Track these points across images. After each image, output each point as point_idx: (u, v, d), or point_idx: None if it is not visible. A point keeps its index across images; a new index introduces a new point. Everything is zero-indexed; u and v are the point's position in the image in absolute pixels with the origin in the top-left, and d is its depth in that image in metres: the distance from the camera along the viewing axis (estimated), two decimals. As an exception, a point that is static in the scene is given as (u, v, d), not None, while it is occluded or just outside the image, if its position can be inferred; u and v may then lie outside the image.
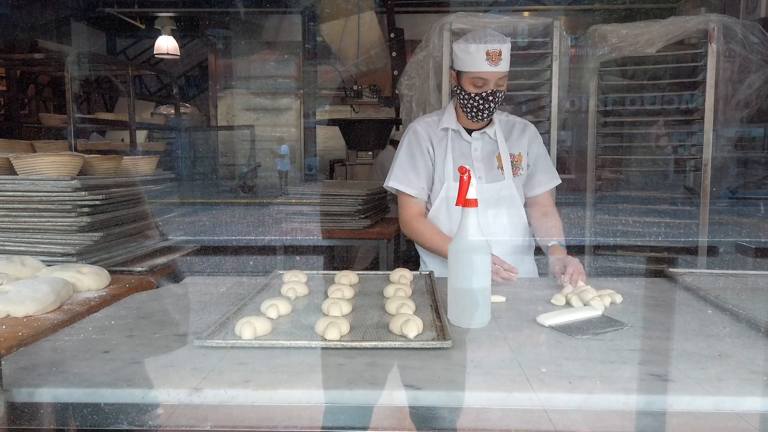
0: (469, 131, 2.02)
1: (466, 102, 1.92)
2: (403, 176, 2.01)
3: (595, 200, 3.59)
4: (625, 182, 3.73)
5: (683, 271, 1.83)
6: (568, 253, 1.87)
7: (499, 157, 2.00)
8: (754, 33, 3.28)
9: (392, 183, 2.03)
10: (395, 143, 6.31)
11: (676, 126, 3.53)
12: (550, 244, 1.92)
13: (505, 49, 1.85)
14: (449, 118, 2.02)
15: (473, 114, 1.93)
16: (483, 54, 1.83)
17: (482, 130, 2.01)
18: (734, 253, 2.99)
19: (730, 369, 1.08)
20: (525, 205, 2.09)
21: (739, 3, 4.26)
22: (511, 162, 2.01)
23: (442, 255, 1.94)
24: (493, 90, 1.87)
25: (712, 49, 3.21)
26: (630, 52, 3.35)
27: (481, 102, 1.89)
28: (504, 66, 1.86)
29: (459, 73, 1.92)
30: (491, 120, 2.03)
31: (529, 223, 2.08)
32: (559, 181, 2.11)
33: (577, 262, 1.73)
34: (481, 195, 1.95)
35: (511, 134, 2.05)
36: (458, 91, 1.95)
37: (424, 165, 2.01)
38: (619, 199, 3.58)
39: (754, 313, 1.35)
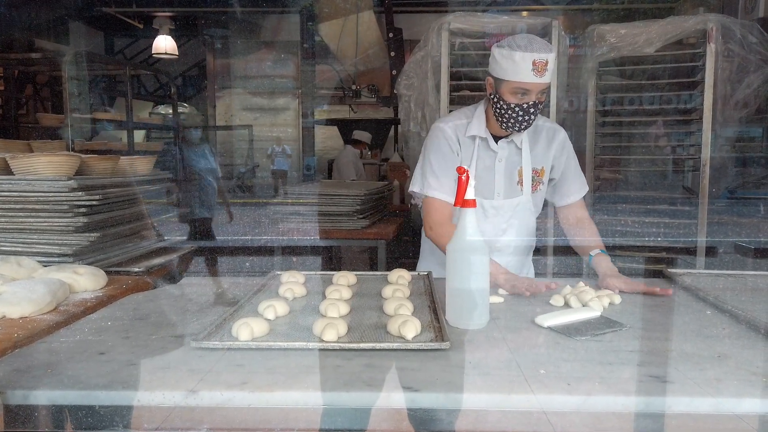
0: (496, 138, 1.90)
1: (503, 112, 1.79)
2: (437, 183, 1.88)
3: (593, 200, 3.59)
4: (624, 182, 3.72)
5: (682, 271, 1.82)
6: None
7: (520, 172, 1.91)
8: (753, 33, 3.28)
9: (431, 192, 1.88)
10: (355, 142, 6.30)
11: (674, 126, 3.53)
12: (593, 254, 1.83)
13: (551, 59, 1.71)
14: (478, 124, 1.89)
15: (509, 125, 1.81)
16: (529, 63, 1.69)
17: (509, 139, 1.90)
18: (733, 253, 2.99)
19: (729, 370, 1.08)
20: (557, 212, 2.03)
21: (737, 3, 4.26)
22: (532, 177, 1.92)
23: None
24: (534, 102, 1.75)
25: (711, 49, 3.21)
26: (628, 51, 3.35)
27: (520, 114, 1.76)
28: (548, 77, 1.73)
29: (498, 81, 1.77)
30: None
31: (560, 228, 2.03)
32: (587, 188, 2.03)
33: (627, 280, 1.68)
34: (496, 210, 1.91)
35: (537, 143, 1.93)
36: (496, 100, 1.80)
37: (455, 169, 1.92)
38: (617, 199, 3.58)
39: (753, 314, 1.34)
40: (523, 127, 1.81)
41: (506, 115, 1.79)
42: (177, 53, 7.08)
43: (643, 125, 3.55)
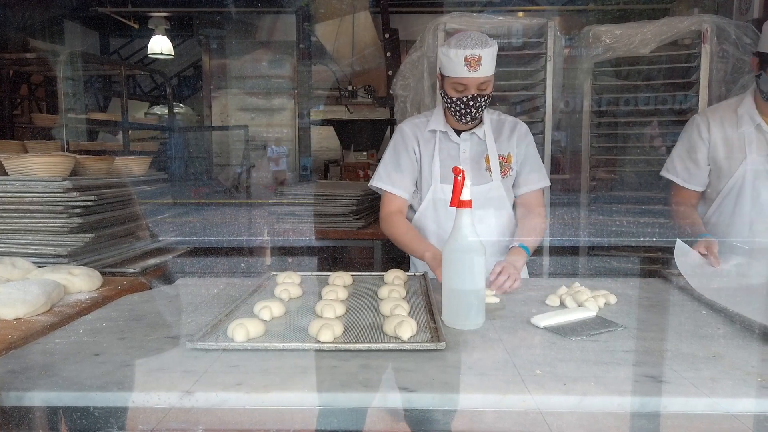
0: (458, 132, 2.01)
1: (449, 106, 1.92)
2: (386, 175, 2.03)
3: (589, 200, 3.59)
4: (620, 182, 3.73)
5: (678, 271, 1.81)
6: (532, 256, 1.90)
7: (487, 159, 1.99)
8: (747, 34, 3.29)
9: (375, 182, 2.05)
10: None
11: (670, 126, 3.53)
12: (511, 245, 1.91)
13: (486, 53, 1.80)
14: (437, 119, 2.02)
15: (458, 117, 1.93)
16: (461, 60, 1.79)
17: (471, 131, 2.00)
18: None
19: (724, 370, 1.08)
20: (516, 204, 2.08)
21: (732, 4, 4.27)
22: (500, 163, 2.00)
23: (410, 253, 2.00)
24: (474, 95, 1.85)
25: (706, 49, 3.22)
26: (624, 52, 3.36)
27: (462, 106, 1.88)
28: (484, 71, 1.81)
29: (442, 77, 1.91)
30: (481, 120, 2.02)
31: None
32: (548, 183, 2.09)
33: (513, 267, 1.71)
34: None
35: (500, 134, 2.04)
36: (442, 95, 1.94)
37: (408, 164, 2.02)
38: (613, 199, 3.58)
39: (748, 314, 1.34)
40: (467, 119, 1.92)
41: (452, 109, 1.91)
42: (172, 53, 7.05)
43: (638, 126, 3.56)
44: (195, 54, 7.70)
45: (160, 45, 6.84)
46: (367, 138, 6.72)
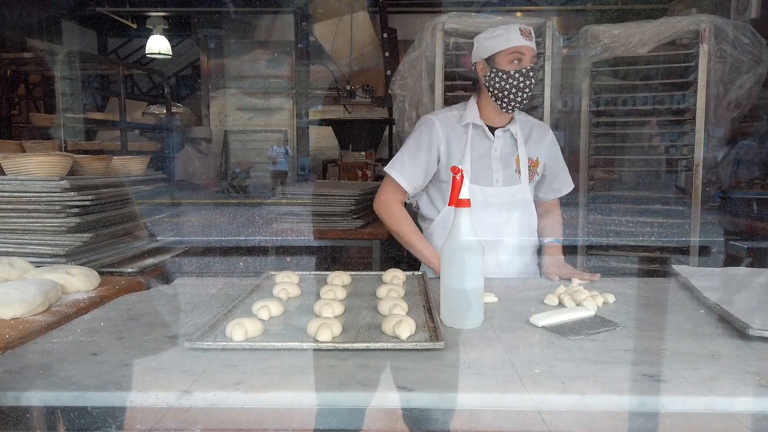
0: (491, 130, 1.96)
1: (504, 84, 1.85)
2: (400, 165, 1.97)
3: (587, 200, 3.60)
4: (618, 182, 3.73)
5: (694, 269, 1.80)
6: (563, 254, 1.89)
7: (517, 160, 1.96)
8: (745, 33, 3.29)
9: (388, 169, 1.99)
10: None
11: (668, 126, 3.54)
12: (546, 242, 1.92)
13: (533, 30, 1.89)
14: (472, 113, 1.95)
15: (511, 97, 1.86)
16: (516, 31, 1.83)
17: (505, 128, 1.96)
18: (726, 252, 3.01)
19: (722, 369, 1.08)
20: (537, 205, 2.09)
21: (729, 4, 4.28)
22: (528, 167, 1.98)
23: (404, 245, 1.98)
24: (530, 66, 1.85)
25: (704, 49, 3.23)
26: (622, 52, 3.36)
27: (521, 79, 1.84)
28: (534, 45, 1.88)
29: (491, 59, 1.87)
30: (512, 118, 1.98)
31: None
32: (573, 186, 2.12)
33: (564, 266, 1.74)
34: (497, 198, 1.95)
35: (530, 137, 2.01)
36: (492, 76, 1.87)
37: (424, 161, 1.95)
38: (611, 199, 3.58)
39: (745, 313, 1.34)
40: (525, 94, 1.87)
41: (507, 87, 1.85)
42: (170, 53, 7.05)
43: (636, 125, 3.56)
44: (193, 54, 7.69)
45: (158, 45, 6.83)
46: (366, 138, 6.72)
